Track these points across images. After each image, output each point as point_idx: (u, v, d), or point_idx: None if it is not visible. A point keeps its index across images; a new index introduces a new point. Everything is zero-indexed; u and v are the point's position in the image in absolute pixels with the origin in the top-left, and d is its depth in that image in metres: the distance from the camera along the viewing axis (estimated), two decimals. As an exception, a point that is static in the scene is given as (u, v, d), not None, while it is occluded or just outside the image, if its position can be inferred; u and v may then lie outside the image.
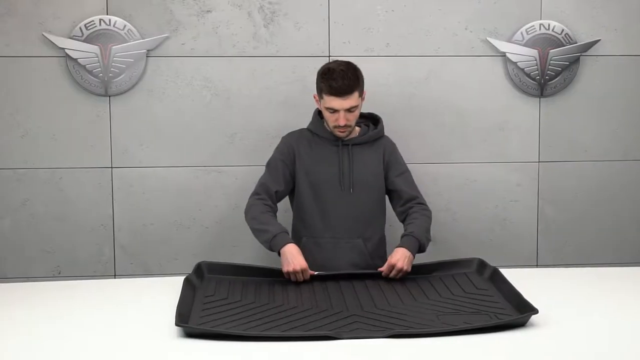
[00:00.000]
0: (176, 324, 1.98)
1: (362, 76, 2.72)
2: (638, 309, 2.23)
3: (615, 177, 3.39)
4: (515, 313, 2.13)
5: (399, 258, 2.52)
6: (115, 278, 3.24)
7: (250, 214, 2.75)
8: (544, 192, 3.38)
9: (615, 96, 3.35)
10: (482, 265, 2.52)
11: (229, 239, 3.28)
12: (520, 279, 2.42)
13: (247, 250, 3.25)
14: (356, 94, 2.68)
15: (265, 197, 2.76)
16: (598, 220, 3.41)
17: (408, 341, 1.94)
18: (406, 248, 2.57)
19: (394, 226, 3.01)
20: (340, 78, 2.64)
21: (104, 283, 2.77)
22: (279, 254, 2.58)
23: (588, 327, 2.07)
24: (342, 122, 2.69)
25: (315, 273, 2.52)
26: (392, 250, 2.61)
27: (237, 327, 2.03)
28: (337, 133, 2.76)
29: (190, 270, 2.50)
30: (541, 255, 3.41)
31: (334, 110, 2.69)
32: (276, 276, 2.52)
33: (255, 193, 2.79)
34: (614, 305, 2.26)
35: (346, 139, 2.80)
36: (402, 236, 2.67)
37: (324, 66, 2.74)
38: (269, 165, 2.85)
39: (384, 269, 2.52)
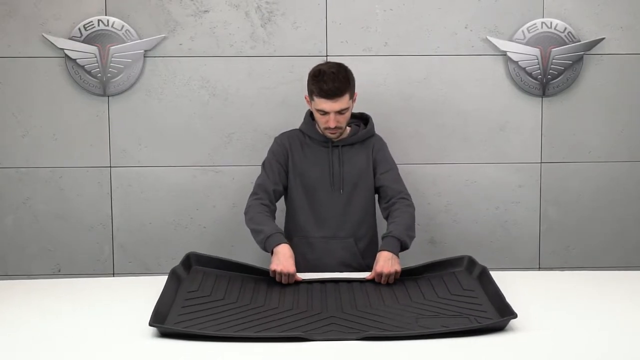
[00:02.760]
0: (150, 324, 1.98)
1: (353, 78, 2.71)
2: (629, 313, 2.17)
3: (620, 178, 3.32)
4: (496, 316, 2.09)
5: (383, 264, 2.47)
6: (114, 276, 3.26)
7: (248, 215, 2.75)
8: (547, 193, 3.32)
9: (620, 96, 3.27)
10: (471, 263, 2.48)
11: (226, 238, 3.28)
12: (517, 281, 2.38)
13: (244, 250, 3.24)
14: (347, 97, 2.66)
15: (263, 196, 2.76)
16: (602, 223, 3.34)
17: (381, 344, 1.92)
18: (387, 250, 2.53)
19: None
20: (330, 80, 2.63)
21: (101, 281, 2.79)
22: (272, 253, 2.56)
23: (571, 332, 2.01)
24: (332, 124, 2.68)
25: (302, 279, 2.48)
26: (380, 252, 2.57)
27: (213, 327, 2.03)
28: (328, 134, 2.76)
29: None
30: (543, 258, 3.35)
31: (325, 112, 2.68)
32: (264, 275, 2.50)
33: (253, 194, 2.79)
34: (605, 309, 2.20)
35: (337, 139, 2.78)
36: (383, 237, 2.64)
37: (314, 68, 2.73)
38: (264, 165, 2.85)
39: (371, 276, 2.48)
